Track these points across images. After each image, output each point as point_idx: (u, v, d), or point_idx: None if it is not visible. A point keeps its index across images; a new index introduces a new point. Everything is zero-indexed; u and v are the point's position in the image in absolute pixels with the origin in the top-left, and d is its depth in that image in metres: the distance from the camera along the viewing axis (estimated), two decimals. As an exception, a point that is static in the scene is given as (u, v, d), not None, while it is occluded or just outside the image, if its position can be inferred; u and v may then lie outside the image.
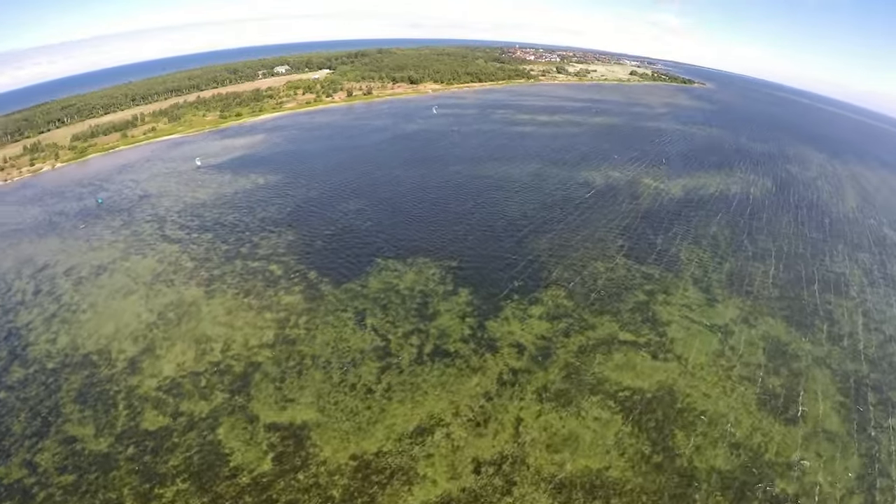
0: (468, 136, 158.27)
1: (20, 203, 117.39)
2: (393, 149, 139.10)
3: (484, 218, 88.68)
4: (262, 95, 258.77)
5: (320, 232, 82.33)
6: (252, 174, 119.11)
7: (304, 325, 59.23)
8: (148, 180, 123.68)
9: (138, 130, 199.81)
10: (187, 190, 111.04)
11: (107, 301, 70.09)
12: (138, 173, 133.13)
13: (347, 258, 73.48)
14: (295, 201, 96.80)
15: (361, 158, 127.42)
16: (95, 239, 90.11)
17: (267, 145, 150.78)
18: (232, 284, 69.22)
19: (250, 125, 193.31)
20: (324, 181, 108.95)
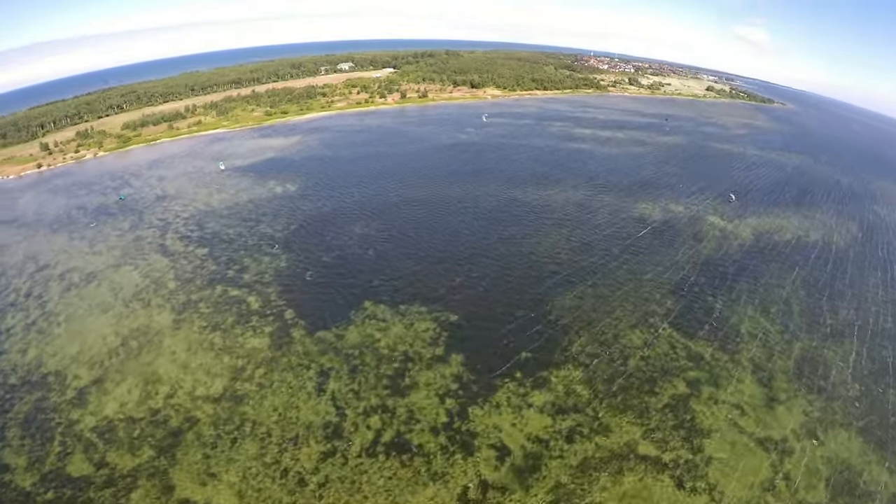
0: (515, 151, 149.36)
1: (51, 192, 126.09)
2: (428, 162, 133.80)
3: (505, 257, 79.39)
4: (315, 92, 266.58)
5: (316, 258, 77.75)
6: (272, 181, 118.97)
7: (258, 380, 53.90)
8: (172, 179, 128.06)
9: (185, 123, 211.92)
10: (203, 195, 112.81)
11: (83, 316, 69.95)
12: (167, 170, 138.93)
13: (333, 297, 67.80)
14: (303, 217, 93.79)
15: (390, 171, 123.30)
16: (100, 241, 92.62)
17: (301, 148, 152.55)
18: (204, 315, 66.02)
19: (293, 124, 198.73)
20: (341, 195, 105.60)
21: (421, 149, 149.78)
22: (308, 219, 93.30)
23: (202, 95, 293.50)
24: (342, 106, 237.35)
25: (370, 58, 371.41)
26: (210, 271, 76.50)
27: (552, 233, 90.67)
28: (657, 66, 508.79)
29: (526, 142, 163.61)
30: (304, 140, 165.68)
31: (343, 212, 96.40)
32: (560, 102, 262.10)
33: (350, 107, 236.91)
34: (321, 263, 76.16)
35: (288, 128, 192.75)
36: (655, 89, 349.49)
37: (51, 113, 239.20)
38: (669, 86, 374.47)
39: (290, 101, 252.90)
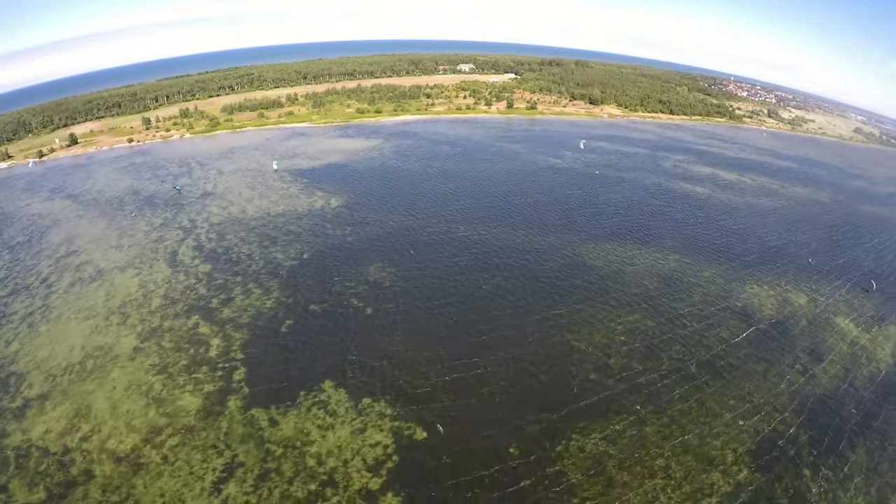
0: (610, 187, 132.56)
1: (123, 170, 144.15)
2: (499, 190, 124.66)
3: (535, 350, 65.19)
4: (419, 93, 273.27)
5: (304, 306, 72.50)
6: (319, 192, 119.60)
7: (166, 450, 49.21)
8: (228, 174, 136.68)
9: (277, 112, 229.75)
10: (244, 198, 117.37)
11: (69, 319, 74.44)
12: (231, 163, 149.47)
13: (296, 363, 61.21)
14: (322, 246, 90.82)
15: (448, 198, 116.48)
16: (128, 234, 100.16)
17: (371, 155, 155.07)
18: (162, 350, 64.51)
19: (380, 125, 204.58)
20: (377, 224, 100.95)
21: (499, 172, 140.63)
22: (325, 249, 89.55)
23: (311, 84, 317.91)
24: (441, 110, 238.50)
25: (492, 61, 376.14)
26: (197, 295, 75.94)
27: (610, 318, 73.27)
28: (801, 99, 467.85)
29: (629, 176, 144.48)
30: (381, 146, 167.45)
31: (368, 246, 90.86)
32: (685, 130, 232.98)
33: (449, 112, 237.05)
34: (307, 312, 70.44)
35: (373, 129, 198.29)
36: (797, 125, 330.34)
37: (168, 87, 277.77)
38: (813, 122, 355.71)
39: (391, 99, 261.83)
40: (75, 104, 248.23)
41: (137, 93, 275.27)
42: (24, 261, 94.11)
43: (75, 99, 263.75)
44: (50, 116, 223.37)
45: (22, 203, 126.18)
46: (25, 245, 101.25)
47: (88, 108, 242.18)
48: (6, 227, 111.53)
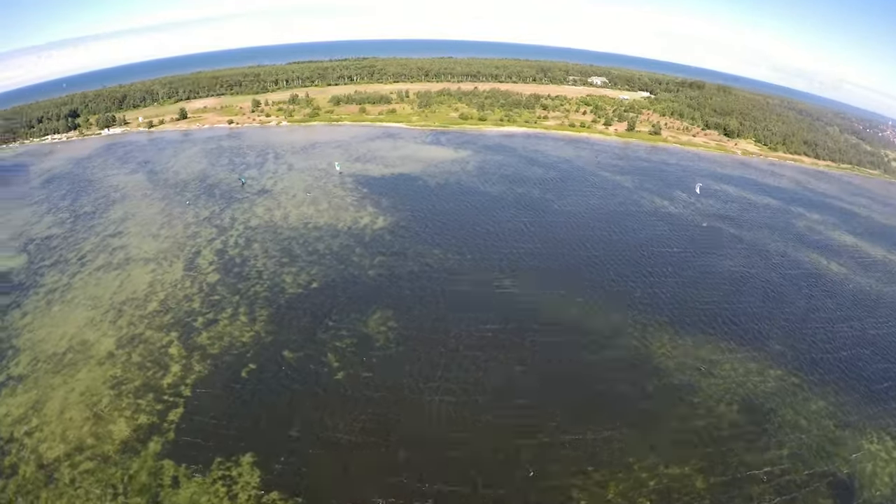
0: (718, 250, 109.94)
1: (205, 153, 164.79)
2: (573, 235, 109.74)
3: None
4: (535, 103, 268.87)
5: (279, 349, 68.97)
6: (372, 208, 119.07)
7: (77, 473, 50.64)
8: (294, 172, 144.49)
9: (378, 109, 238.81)
10: (296, 201, 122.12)
11: (78, 304, 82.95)
12: (304, 159, 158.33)
13: (230, 422, 57.02)
14: (337, 276, 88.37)
15: (511, 239, 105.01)
16: (170, 225, 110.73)
17: (451, 169, 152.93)
18: (128, 362, 67.05)
19: (477, 135, 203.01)
20: (413, 259, 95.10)
21: (587, 209, 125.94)
22: (340, 280, 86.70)
23: (430, 82, 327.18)
24: (552, 125, 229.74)
25: (627, 76, 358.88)
26: (188, 309, 78.59)
27: (644, 462, 53.59)
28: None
29: (748, 235, 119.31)
30: (468, 159, 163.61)
31: (387, 286, 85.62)
32: (829, 181, 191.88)
33: (561, 128, 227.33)
34: (277, 359, 67.20)
35: (468, 138, 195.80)
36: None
37: (291, 72, 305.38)
38: None
39: (503, 106, 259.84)
40: (202, 79, 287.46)
41: (261, 74, 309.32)
42: (78, 233, 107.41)
43: (203, 74, 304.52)
44: (176, 88, 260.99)
45: (109, 173, 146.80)
46: (88, 216, 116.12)
47: (212, 85, 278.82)
48: (85, 194, 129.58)
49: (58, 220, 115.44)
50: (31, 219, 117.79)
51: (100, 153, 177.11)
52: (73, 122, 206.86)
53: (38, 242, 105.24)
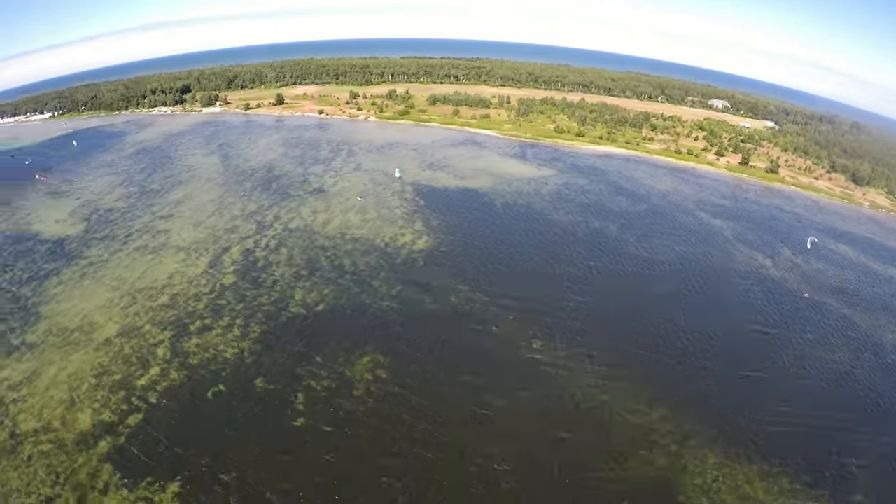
0: (821, 338, 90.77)
1: (283, 143, 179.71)
2: (637, 298, 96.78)
3: None
4: (644, 122, 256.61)
5: (252, 375, 68.90)
6: (420, 224, 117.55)
7: (36, 451, 56.92)
8: (358, 175, 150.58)
9: (473, 112, 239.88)
10: (342, 207, 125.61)
11: (103, 283, 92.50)
12: (375, 160, 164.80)
13: (173, 445, 57.91)
14: (346, 301, 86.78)
15: (563, 286, 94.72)
16: (218, 213, 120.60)
17: (525, 190, 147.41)
18: (119, 353, 72.38)
19: (569, 153, 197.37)
20: (439, 294, 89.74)
21: (669, 260, 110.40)
22: (346, 307, 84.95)
23: (538, 89, 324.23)
24: (656, 149, 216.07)
25: (752, 102, 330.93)
26: (191, 311, 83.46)
27: None
28: None
29: (860, 318, 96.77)
30: (549, 179, 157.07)
31: (393, 323, 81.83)
32: None
33: (665, 153, 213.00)
34: (246, 386, 67.18)
35: (558, 155, 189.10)
36: None
37: (398, 66, 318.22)
38: None
39: (607, 122, 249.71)
40: (310, 66, 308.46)
41: (369, 66, 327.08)
42: (136, 210, 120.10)
43: (312, 61, 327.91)
44: (284, 73, 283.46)
45: (189, 152, 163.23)
46: (152, 194, 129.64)
47: (318, 72, 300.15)
48: (159, 171, 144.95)
49: (125, 194, 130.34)
50: (106, 189, 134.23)
51: (191, 130, 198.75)
52: (181, 97, 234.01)
53: (100, 214, 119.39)
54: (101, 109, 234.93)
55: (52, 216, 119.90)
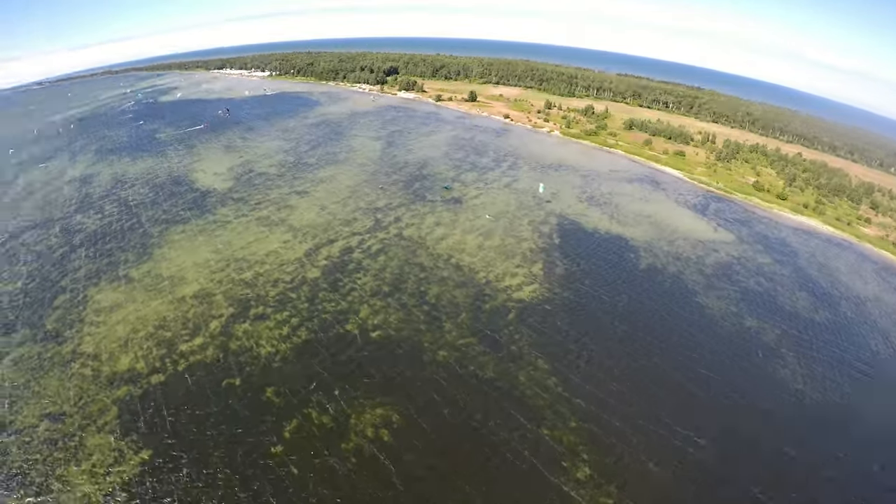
0: None
1: (452, 142, 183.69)
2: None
3: None
4: (862, 194, 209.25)
5: (265, 385, 72.69)
6: (540, 268, 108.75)
7: (76, 372, 70.31)
8: (505, 192, 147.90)
9: (668, 146, 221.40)
10: (470, 225, 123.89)
11: (213, 242, 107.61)
12: (532, 179, 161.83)
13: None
14: (401, 343, 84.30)
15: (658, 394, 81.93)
16: (345, 203, 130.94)
17: (683, 256, 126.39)
18: (183, 315, 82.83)
19: (758, 218, 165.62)
20: (504, 375, 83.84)
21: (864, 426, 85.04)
22: (396, 349, 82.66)
23: (752, 132, 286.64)
24: (870, 235, 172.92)
25: None
26: (261, 295, 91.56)
27: None
28: None
29: None
30: (718, 247, 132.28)
31: (423, 383, 77.28)
32: None
33: (881, 244, 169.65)
34: (253, 391, 70.19)
35: (744, 217, 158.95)
36: None
37: (604, 81, 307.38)
38: None
39: (819, 187, 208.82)
40: (516, 67, 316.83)
41: (577, 76, 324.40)
42: (282, 179, 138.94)
43: (519, 62, 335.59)
44: (489, 70, 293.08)
45: (360, 133, 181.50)
46: (304, 167, 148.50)
47: (523, 75, 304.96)
48: (324, 144, 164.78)
49: (281, 162, 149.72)
50: (269, 153, 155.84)
51: (376, 112, 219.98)
52: (384, 79, 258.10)
53: (250, 176, 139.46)
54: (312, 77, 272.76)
55: (213, 169, 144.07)
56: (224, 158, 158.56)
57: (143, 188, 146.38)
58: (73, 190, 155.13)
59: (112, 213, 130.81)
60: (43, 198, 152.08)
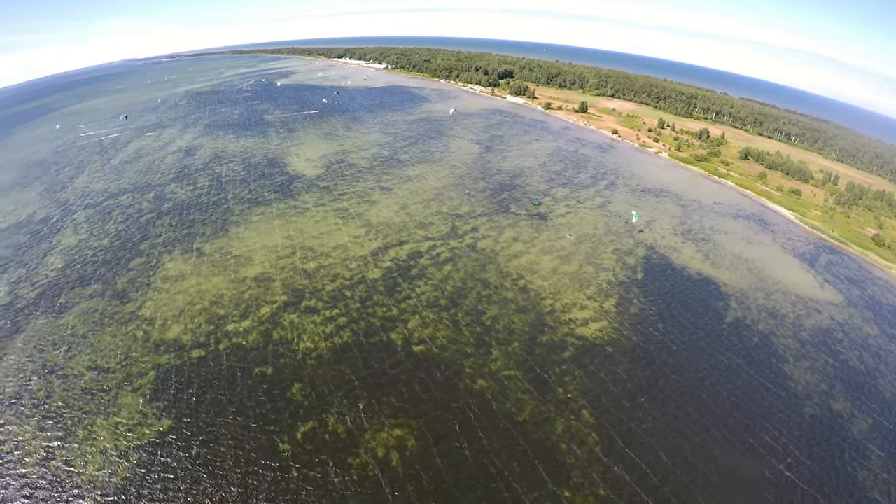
0: None
1: (553, 153, 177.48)
2: None
3: None
4: None
5: (292, 380, 70.08)
6: (608, 304, 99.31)
7: (127, 333, 71.12)
8: (594, 214, 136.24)
9: (782, 182, 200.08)
10: (545, 247, 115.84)
11: (286, 227, 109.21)
12: (628, 204, 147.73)
13: None
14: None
15: None
16: (427, 204, 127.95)
17: (766, 312, 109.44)
18: (238, 295, 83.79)
19: (870, 277, 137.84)
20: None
21: None
22: (414, 371, 77.70)
23: (881, 176, 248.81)
24: None
25: None
26: (317, 288, 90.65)
27: None
28: None
29: None
30: (821, 307, 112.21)
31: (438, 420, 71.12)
32: None
33: None
34: (276, 386, 67.83)
35: (857, 276, 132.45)
36: None
37: (725, 104, 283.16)
38: None
39: None
40: (634, 82, 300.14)
41: (697, 97, 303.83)
42: (371, 172, 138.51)
43: (637, 77, 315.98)
44: (606, 82, 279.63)
45: (459, 134, 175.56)
46: (395, 163, 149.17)
47: (640, 90, 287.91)
48: (421, 142, 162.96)
49: (375, 156, 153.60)
50: (364, 145, 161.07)
51: (481, 114, 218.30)
52: (497, 81, 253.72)
53: (341, 166, 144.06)
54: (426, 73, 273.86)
55: (307, 154, 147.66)
56: (321, 145, 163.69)
57: (238, 166, 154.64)
58: (175, 160, 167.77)
59: (203, 186, 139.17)
60: (147, 164, 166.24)
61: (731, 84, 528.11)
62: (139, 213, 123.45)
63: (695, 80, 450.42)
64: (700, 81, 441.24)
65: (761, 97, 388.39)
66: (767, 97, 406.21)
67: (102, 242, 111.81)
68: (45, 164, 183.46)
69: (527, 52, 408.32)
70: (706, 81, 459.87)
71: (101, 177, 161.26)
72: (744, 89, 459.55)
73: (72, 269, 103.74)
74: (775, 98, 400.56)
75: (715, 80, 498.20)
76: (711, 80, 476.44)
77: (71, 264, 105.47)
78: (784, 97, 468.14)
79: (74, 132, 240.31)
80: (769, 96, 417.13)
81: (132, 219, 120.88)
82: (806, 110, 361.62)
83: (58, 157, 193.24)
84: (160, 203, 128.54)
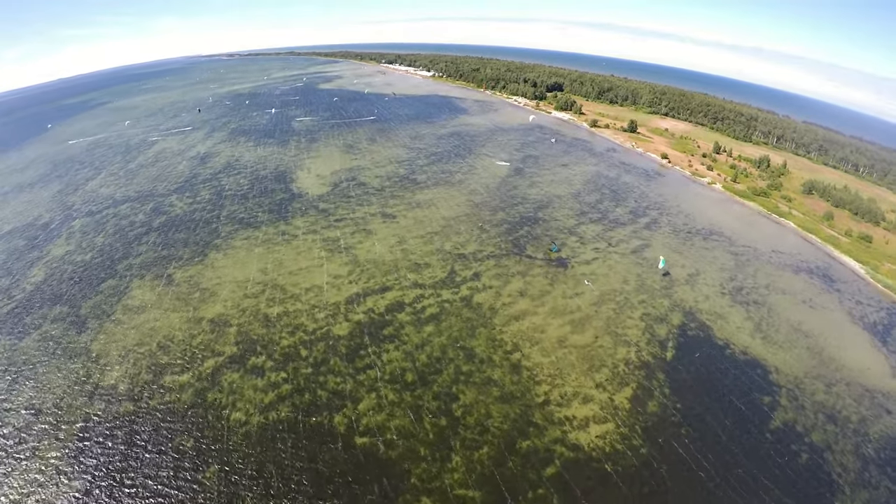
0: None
1: (591, 181, 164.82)
2: None
3: None
4: None
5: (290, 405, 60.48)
6: (624, 393, 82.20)
7: (134, 323, 61.48)
8: (631, 261, 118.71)
9: (852, 224, 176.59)
10: (558, 310, 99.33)
11: (268, 254, 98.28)
12: (669, 251, 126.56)
13: None
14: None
15: None
16: (435, 239, 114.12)
17: (826, 412, 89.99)
18: (238, 310, 73.19)
19: None
20: None
21: None
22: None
23: None
24: None
25: None
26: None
27: None
28: None
29: None
30: (891, 394, 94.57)
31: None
32: None
33: None
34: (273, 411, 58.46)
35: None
36: None
37: (794, 131, 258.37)
38: None
39: None
40: (690, 100, 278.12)
41: (757, 118, 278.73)
42: (379, 196, 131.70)
43: (694, 95, 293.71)
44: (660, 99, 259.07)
45: (489, 152, 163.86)
46: (409, 184, 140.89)
47: (697, 109, 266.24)
48: (445, 161, 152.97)
49: (388, 175, 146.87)
50: (382, 162, 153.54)
51: (518, 129, 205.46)
52: (544, 94, 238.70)
53: (349, 186, 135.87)
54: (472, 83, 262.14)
55: (319, 169, 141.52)
56: (337, 159, 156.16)
57: (244, 179, 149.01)
58: (187, 167, 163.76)
59: (202, 199, 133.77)
60: (160, 170, 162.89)
61: (791, 105, 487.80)
62: (130, 227, 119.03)
63: (753, 98, 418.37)
64: (759, 101, 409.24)
65: (825, 122, 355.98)
66: (831, 122, 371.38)
67: (86, 257, 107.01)
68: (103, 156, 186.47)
69: (582, 64, 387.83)
70: (765, 101, 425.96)
71: (114, 181, 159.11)
72: (806, 112, 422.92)
73: (48, 284, 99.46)
74: (839, 123, 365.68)
75: (773, 101, 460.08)
76: (771, 101, 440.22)
77: (49, 279, 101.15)
78: (848, 122, 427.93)
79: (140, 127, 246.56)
80: (833, 121, 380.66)
81: (121, 233, 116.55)
82: (872, 137, 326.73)
83: (88, 156, 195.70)
84: (154, 217, 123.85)
